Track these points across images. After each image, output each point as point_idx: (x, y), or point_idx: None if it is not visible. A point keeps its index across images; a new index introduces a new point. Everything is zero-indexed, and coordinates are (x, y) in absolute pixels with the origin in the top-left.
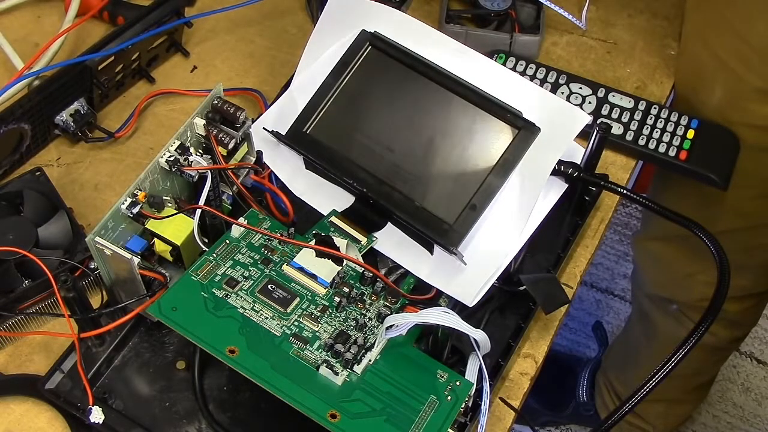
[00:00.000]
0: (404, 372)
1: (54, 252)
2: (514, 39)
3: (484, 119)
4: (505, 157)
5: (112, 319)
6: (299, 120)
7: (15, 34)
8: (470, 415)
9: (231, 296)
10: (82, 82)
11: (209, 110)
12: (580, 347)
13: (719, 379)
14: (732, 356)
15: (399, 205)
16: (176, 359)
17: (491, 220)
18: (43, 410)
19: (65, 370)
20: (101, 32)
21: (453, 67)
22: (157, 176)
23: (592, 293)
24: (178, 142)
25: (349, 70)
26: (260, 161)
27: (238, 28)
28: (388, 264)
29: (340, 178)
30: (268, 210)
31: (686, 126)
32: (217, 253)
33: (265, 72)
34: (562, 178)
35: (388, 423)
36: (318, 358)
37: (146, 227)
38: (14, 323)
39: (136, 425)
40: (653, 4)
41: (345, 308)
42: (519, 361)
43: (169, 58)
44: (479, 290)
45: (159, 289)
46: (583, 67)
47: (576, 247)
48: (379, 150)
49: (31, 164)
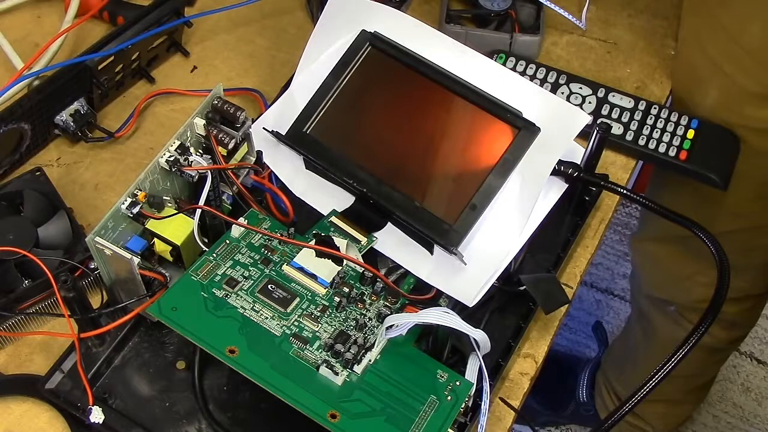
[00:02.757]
0: (404, 372)
1: (54, 252)
2: (514, 39)
3: (484, 119)
4: (505, 157)
5: (112, 319)
6: (299, 120)
7: (15, 34)
8: (470, 415)
9: (231, 296)
10: (82, 82)
11: (209, 110)
12: (580, 347)
13: (719, 379)
14: (732, 356)
15: (399, 205)
16: (176, 359)
17: (491, 220)
18: (43, 410)
19: (65, 370)
20: (101, 32)
21: (453, 67)
22: (157, 176)
23: (592, 293)
24: (178, 142)
25: (349, 70)
26: (260, 161)
27: (238, 28)
28: (388, 264)
29: (340, 178)
30: (268, 210)
31: (686, 126)
32: (217, 253)
33: (265, 72)
34: (562, 178)
35: (388, 423)
36: (318, 358)
37: (146, 227)
38: (14, 323)
39: (136, 425)
40: (653, 4)
41: (345, 308)
42: (519, 361)
43: (169, 58)
44: (479, 290)
45: (159, 289)
46: (583, 67)
47: (576, 247)
48: (379, 150)
49: (31, 164)
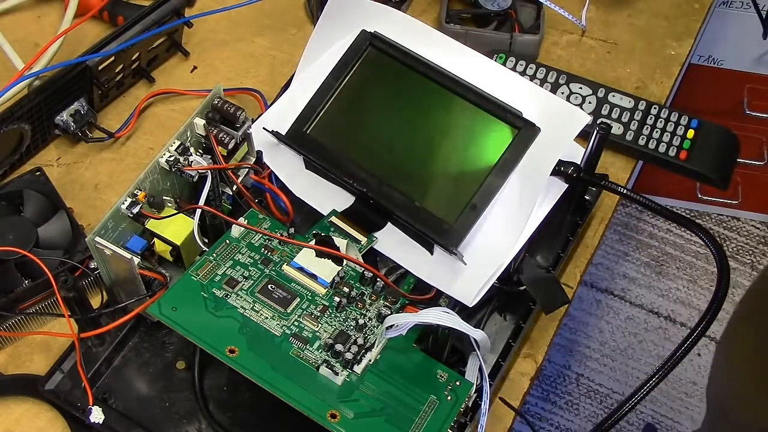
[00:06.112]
0: (404, 372)
1: (54, 252)
2: (514, 39)
3: (484, 119)
4: (505, 157)
5: (112, 319)
6: (299, 120)
7: (15, 34)
8: (470, 415)
9: (231, 296)
10: (82, 82)
11: (209, 110)
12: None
13: None
14: None
15: (399, 205)
16: (176, 359)
17: (491, 220)
18: (43, 410)
19: (65, 370)
20: (101, 32)
21: (453, 67)
22: (157, 176)
23: (592, 293)
24: (178, 142)
25: (349, 70)
26: (260, 161)
27: (238, 28)
28: (388, 264)
29: (340, 178)
30: (268, 210)
31: (686, 126)
32: (217, 253)
33: (265, 72)
34: (562, 178)
35: (388, 423)
36: (318, 358)
37: (146, 227)
38: (14, 323)
39: (136, 425)
40: (653, 4)
41: (345, 308)
42: (519, 361)
43: (169, 58)
44: (479, 290)
45: (159, 289)
46: (583, 67)
47: (576, 247)
48: (379, 150)
49: (31, 164)
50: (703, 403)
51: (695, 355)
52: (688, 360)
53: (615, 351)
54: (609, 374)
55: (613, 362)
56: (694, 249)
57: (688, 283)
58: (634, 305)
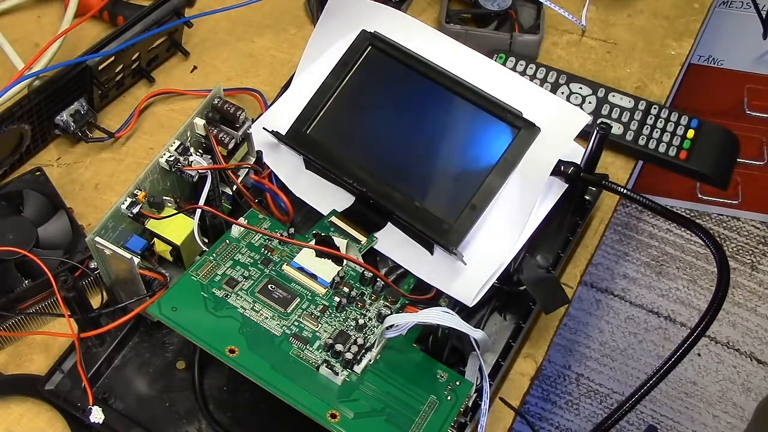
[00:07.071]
0: (404, 372)
1: (54, 252)
2: (514, 39)
3: (484, 119)
4: (505, 157)
5: (112, 319)
6: (299, 120)
7: (15, 34)
8: (470, 415)
9: (231, 296)
10: (82, 82)
11: (209, 110)
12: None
13: (719, 379)
14: (732, 356)
15: (399, 205)
16: (176, 359)
17: (491, 220)
18: (43, 410)
19: (65, 370)
20: (101, 32)
21: (453, 67)
22: (157, 176)
23: (592, 293)
24: (178, 142)
25: (349, 70)
26: (260, 161)
27: (238, 28)
28: (388, 264)
29: (340, 178)
30: (268, 210)
31: (686, 126)
32: (217, 253)
33: (265, 72)
34: (562, 178)
35: (388, 423)
36: (318, 358)
37: (146, 227)
38: (14, 323)
39: (136, 425)
40: (653, 4)
41: (345, 308)
42: (519, 361)
43: (169, 58)
44: (479, 290)
45: (159, 289)
46: (583, 67)
47: (576, 247)
48: (379, 150)
49: (31, 164)
50: (703, 403)
51: (695, 355)
52: (688, 360)
53: (615, 351)
54: (609, 374)
55: (613, 362)
56: (694, 249)
57: (688, 283)
58: (634, 305)
